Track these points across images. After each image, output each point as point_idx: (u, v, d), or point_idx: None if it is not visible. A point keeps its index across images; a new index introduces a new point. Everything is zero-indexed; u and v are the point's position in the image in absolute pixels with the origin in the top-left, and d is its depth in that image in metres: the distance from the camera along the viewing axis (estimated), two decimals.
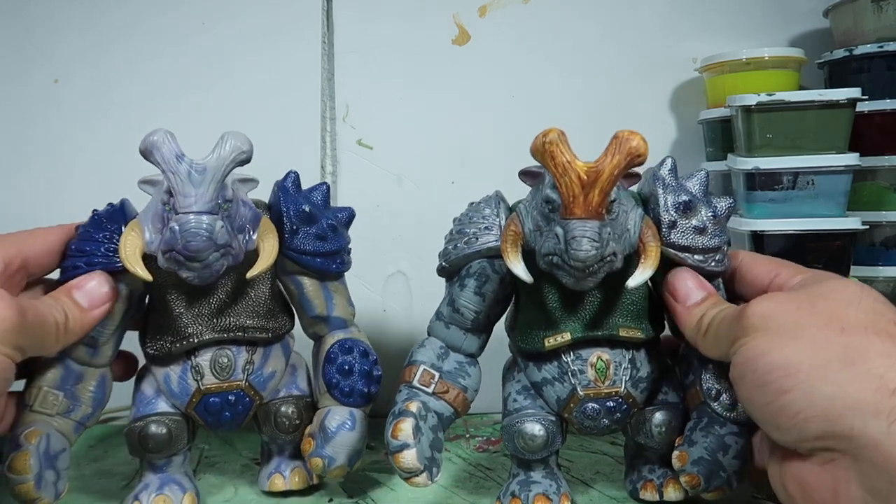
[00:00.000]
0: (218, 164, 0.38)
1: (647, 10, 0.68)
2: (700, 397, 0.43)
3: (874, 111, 0.58)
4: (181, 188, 0.38)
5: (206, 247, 0.38)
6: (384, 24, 0.67)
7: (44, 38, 0.66)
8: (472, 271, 0.43)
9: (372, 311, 0.67)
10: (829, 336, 0.33)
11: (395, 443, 0.39)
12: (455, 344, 0.45)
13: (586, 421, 0.43)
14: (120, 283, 0.43)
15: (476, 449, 0.57)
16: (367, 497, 0.48)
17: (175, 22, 0.66)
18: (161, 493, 0.45)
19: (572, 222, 0.36)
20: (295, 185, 0.47)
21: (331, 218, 0.47)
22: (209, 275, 0.40)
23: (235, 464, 0.55)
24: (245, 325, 0.45)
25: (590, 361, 0.42)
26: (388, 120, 0.67)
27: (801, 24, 0.68)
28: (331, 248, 0.46)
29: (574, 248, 0.35)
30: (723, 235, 0.42)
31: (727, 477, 0.41)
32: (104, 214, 0.44)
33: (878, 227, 0.59)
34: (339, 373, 0.46)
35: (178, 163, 0.38)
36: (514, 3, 0.67)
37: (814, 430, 0.32)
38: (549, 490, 0.44)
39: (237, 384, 0.45)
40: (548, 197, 0.38)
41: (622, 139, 0.35)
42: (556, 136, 0.35)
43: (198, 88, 0.66)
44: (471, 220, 0.44)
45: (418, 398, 0.42)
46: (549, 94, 0.67)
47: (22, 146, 0.66)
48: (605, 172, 0.35)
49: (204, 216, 0.38)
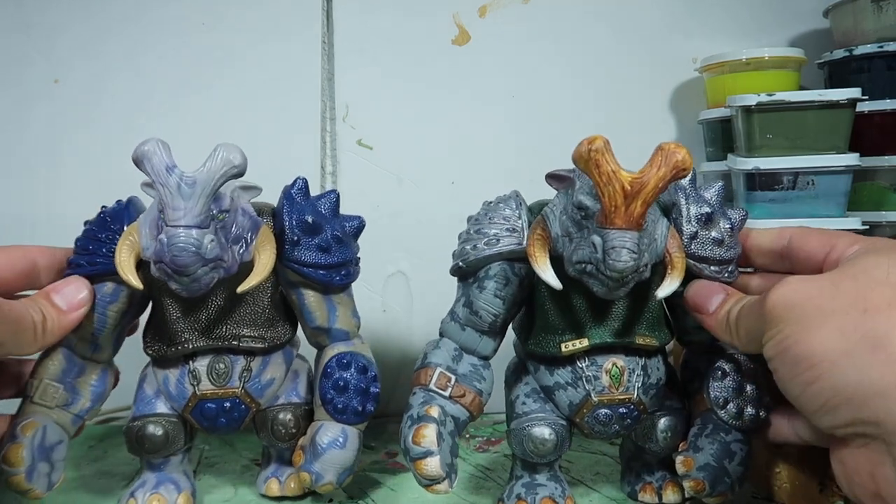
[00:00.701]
0: (208, 178, 0.37)
1: (648, 10, 0.68)
2: (706, 404, 0.43)
3: (874, 111, 0.58)
4: (170, 201, 0.37)
5: (193, 262, 0.38)
6: (384, 24, 0.67)
7: (43, 39, 0.66)
8: (491, 273, 0.42)
9: (372, 311, 0.67)
10: (852, 320, 0.32)
11: (417, 450, 0.38)
12: (470, 346, 0.44)
13: (597, 426, 0.42)
14: (121, 282, 0.43)
15: (476, 449, 0.57)
16: (367, 497, 0.48)
17: (175, 22, 0.66)
18: (156, 491, 0.45)
19: (612, 232, 0.35)
20: (302, 193, 0.46)
21: (337, 228, 0.45)
22: (198, 288, 0.39)
23: (235, 464, 0.55)
24: (241, 334, 0.44)
25: (605, 368, 0.42)
26: (388, 120, 0.67)
27: (801, 24, 0.68)
28: (333, 260, 0.45)
29: (613, 258, 0.35)
30: (737, 248, 0.42)
31: (731, 483, 0.41)
32: (109, 213, 0.44)
33: (878, 227, 0.59)
34: (333, 388, 0.45)
35: (168, 175, 0.37)
36: (514, 3, 0.67)
37: (844, 416, 0.32)
38: (555, 493, 0.44)
39: (233, 391, 0.44)
40: (581, 203, 0.37)
41: (668, 152, 0.34)
42: (602, 145, 0.34)
43: (198, 89, 0.66)
44: (490, 220, 0.43)
45: (436, 402, 0.41)
46: (549, 95, 0.67)
47: (22, 146, 0.66)
48: (649, 185, 0.34)
49: (193, 230, 0.37)
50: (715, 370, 0.43)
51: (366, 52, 0.67)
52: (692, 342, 0.45)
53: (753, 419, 0.42)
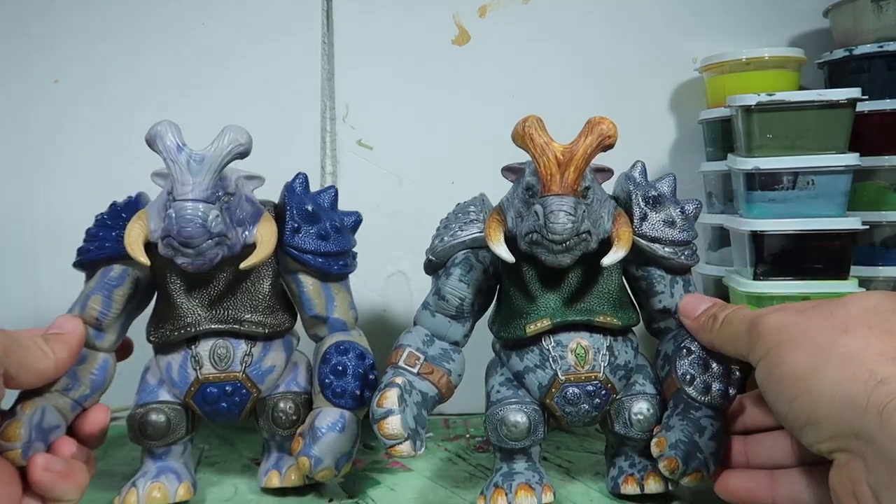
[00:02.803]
0: (216, 155, 0.40)
1: (647, 10, 0.68)
2: (676, 384, 0.44)
3: (874, 111, 0.58)
4: (179, 176, 0.40)
5: (199, 233, 0.39)
6: (384, 24, 0.67)
7: (43, 39, 0.66)
8: (457, 261, 0.46)
9: (372, 311, 0.67)
10: (831, 338, 0.33)
11: (379, 411, 0.39)
12: (440, 332, 0.46)
13: (567, 406, 0.44)
14: (128, 267, 0.45)
15: (476, 449, 0.57)
16: (367, 497, 0.48)
17: (175, 22, 0.66)
18: (157, 480, 0.45)
19: (550, 198, 0.39)
20: (303, 186, 0.48)
21: (336, 220, 0.48)
22: (203, 262, 0.41)
23: (235, 463, 0.55)
24: (242, 318, 0.46)
25: (570, 347, 0.44)
26: (388, 120, 0.67)
27: (801, 24, 0.68)
28: (332, 248, 0.47)
29: (552, 221, 0.38)
30: (691, 231, 0.46)
31: (704, 459, 0.42)
32: (121, 205, 0.47)
33: (878, 227, 0.59)
34: (332, 373, 0.46)
35: (178, 153, 0.40)
36: (514, 3, 0.67)
37: (826, 430, 0.33)
38: (531, 480, 0.44)
39: (234, 375, 0.45)
40: (528, 184, 0.41)
41: (593, 123, 0.40)
42: (535, 121, 0.40)
43: (198, 88, 0.66)
44: (456, 217, 0.47)
45: (404, 376, 0.43)
46: (549, 95, 0.67)
47: (22, 146, 0.66)
48: (578, 152, 0.39)
49: (200, 204, 0.39)
50: (681, 349, 0.44)
51: (366, 52, 0.67)
52: (660, 329, 0.48)
53: (722, 394, 0.43)
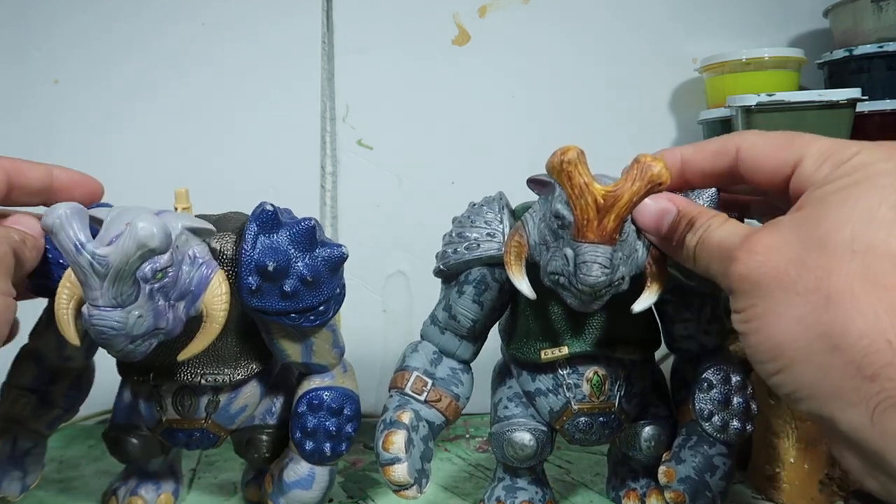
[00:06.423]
0: (122, 261, 0.32)
1: (647, 10, 0.68)
2: (692, 415, 0.42)
3: (874, 111, 0.58)
4: (84, 279, 0.33)
5: (119, 341, 0.34)
6: (384, 24, 0.67)
7: (44, 39, 0.66)
8: (471, 278, 0.42)
9: (372, 311, 0.67)
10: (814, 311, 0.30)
11: (386, 455, 0.38)
12: (449, 350, 0.43)
13: (577, 434, 0.42)
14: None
15: (476, 449, 0.57)
16: (367, 497, 0.48)
17: (175, 22, 0.66)
18: (136, 493, 0.45)
19: (584, 246, 0.34)
20: (263, 228, 0.39)
21: (305, 269, 0.39)
22: (134, 357, 0.36)
23: (235, 463, 0.54)
24: (203, 373, 0.42)
25: (586, 376, 0.42)
26: (388, 120, 0.67)
27: (801, 24, 0.68)
28: (301, 306, 0.40)
29: (584, 272, 0.34)
30: None
31: (712, 497, 0.41)
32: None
33: None
34: (300, 430, 0.43)
35: (78, 254, 0.32)
36: (514, 4, 0.67)
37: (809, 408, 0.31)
38: (534, 497, 0.44)
39: (198, 423, 0.43)
40: (558, 212, 0.35)
41: (644, 165, 0.32)
42: (576, 156, 0.32)
43: (198, 88, 0.66)
44: (472, 223, 0.42)
45: (410, 406, 0.41)
46: (548, 95, 0.67)
47: (21, 146, 0.66)
48: (623, 198, 0.33)
49: (114, 312, 0.33)
50: (701, 381, 0.42)
51: (366, 52, 0.67)
52: (680, 349, 0.44)
53: (738, 433, 0.41)
